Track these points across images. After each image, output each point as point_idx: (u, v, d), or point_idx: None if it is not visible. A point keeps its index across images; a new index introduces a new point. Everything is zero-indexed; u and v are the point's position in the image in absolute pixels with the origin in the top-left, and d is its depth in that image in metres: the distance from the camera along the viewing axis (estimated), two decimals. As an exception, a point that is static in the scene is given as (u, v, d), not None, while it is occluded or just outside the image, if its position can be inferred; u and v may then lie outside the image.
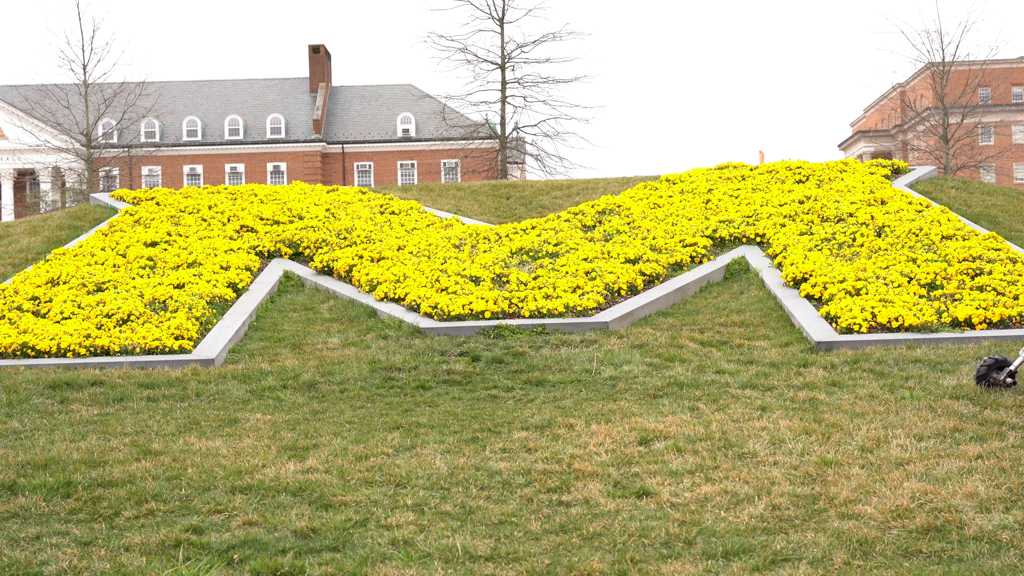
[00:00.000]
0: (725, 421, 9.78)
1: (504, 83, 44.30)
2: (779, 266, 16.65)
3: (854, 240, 17.14)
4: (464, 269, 16.65)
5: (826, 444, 8.82)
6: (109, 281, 16.49)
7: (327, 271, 17.78)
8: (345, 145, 71.26)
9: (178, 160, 70.05)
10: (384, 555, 6.47)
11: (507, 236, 18.87)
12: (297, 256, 18.80)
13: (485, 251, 17.93)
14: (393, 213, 21.23)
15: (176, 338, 14.01)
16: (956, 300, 14.28)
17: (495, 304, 15.06)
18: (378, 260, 17.63)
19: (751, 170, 22.69)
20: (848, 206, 18.82)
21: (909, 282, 15.00)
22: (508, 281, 16.23)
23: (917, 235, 17.00)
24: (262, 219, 20.12)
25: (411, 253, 17.88)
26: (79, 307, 15.24)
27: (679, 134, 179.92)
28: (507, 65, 44.44)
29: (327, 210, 20.94)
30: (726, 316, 14.86)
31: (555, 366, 12.71)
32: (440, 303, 15.15)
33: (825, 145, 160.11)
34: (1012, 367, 10.45)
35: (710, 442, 9.00)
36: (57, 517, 7.37)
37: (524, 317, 14.84)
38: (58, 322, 14.77)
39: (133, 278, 16.68)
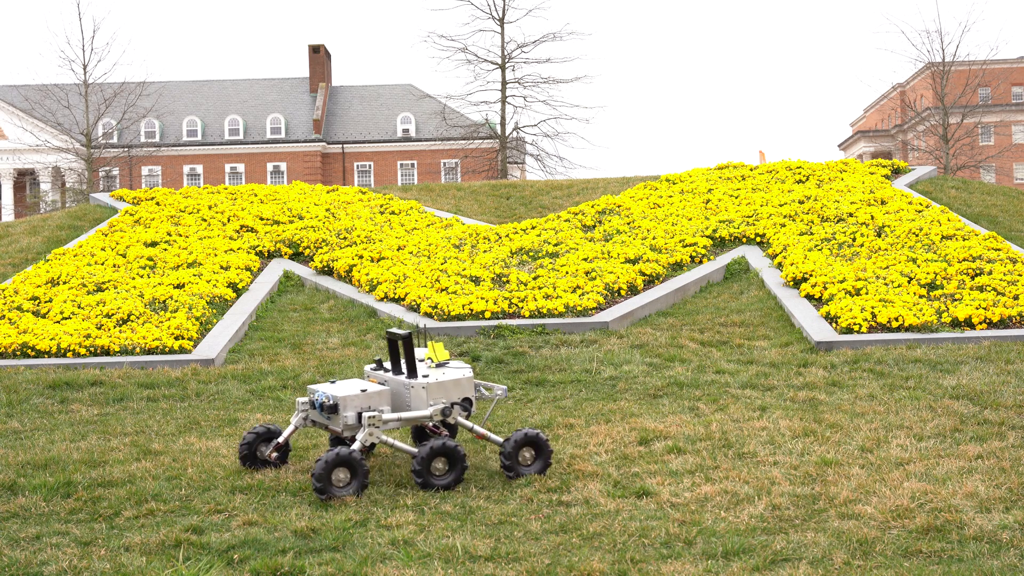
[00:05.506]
0: (725, 421, 9.78)
1: (504, 83, 44.25)
2: (779, 266, 16.65)
3: (854, 240, 17.14)
4: (464, 269, 16.64)
5: (826, 444, 8.81)
6: (109, 281, 16.49)
7: (327, 271, 17.78)
8: (345, 145, 71.24)
9: (178, 160, 70.03)
10: (384, 555, 6.47)
11: (507, 236, 18.87)
12: (297, 256, 18.80)
13: (485, 251, 17.93)
14: (393, 213, 21.24)
15: (176, 338, 14.01)
16: (956, 300, 14.27)
17: (495, 304, 15.06)
18: (378, 260, 17.63)
19: (751, 170, 22.70)
20: (848, 206, 18.82)
21: (909, 282, 15.00)
22: (508, 281, 16.22)
23: (917, 235, 17.00)
24: (262, 219, 20.12)
25: (411, 253, 17.88)
26: (79, 307, 15.24)
27: (679, 134, 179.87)
28: (507, 65, 44.39)
29: (327, 210, 20.94)
30: (726, 316, 14.86)
31: (555, 366, 12.71)
32: (440, 303, 15.14)
33: (825, 145, 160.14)
34: (280, 439, 8.63)
35: (710, 442, 9.00)
36: (57, 517, 7.37)
37: (524, 317, 14.84)
38: (58, 322, 14.76)
39: (133, 278, 16.68)
